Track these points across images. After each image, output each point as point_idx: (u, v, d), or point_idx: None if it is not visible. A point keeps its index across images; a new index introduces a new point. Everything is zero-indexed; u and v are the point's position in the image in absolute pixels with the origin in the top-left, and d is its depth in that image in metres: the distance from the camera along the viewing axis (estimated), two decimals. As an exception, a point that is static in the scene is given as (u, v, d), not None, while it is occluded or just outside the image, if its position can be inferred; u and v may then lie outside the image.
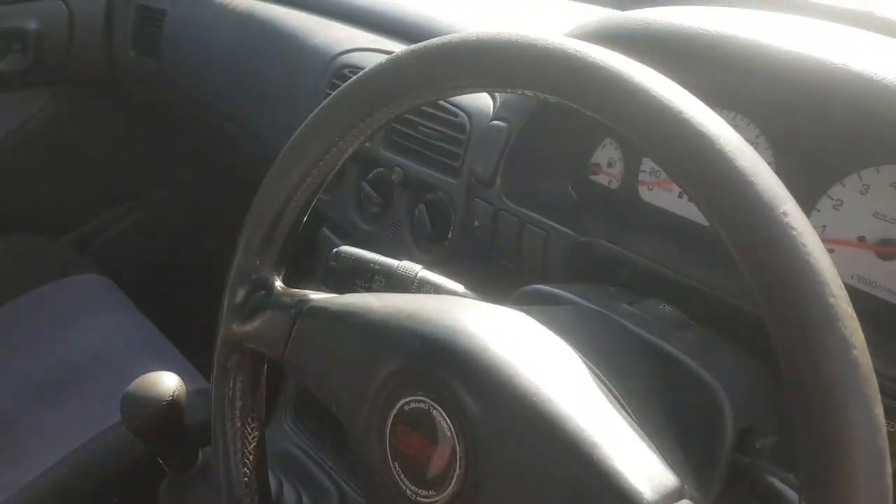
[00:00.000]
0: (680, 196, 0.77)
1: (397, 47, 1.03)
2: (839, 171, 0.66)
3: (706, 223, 0.74)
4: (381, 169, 0.96)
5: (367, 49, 1.04)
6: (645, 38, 0.64)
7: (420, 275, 0.68)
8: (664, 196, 0.78)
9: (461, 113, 0.88)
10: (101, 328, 1.29)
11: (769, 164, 0.70)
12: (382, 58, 1.08)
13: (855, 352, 0.32)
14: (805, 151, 0.69)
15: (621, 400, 0.45)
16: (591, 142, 0.83)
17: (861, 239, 0.65)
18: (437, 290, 0.67)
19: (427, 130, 0.91)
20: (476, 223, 0.81)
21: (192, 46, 1.38)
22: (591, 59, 0.40)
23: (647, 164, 0.79)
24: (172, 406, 0.86)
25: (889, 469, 0.32)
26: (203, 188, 1.64)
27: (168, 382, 0.88)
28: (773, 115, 0.70)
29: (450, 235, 0.89)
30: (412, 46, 0.49)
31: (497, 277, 0.81)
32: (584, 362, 0.47)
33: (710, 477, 0.50)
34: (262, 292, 0.60)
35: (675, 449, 0.46)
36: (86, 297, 1.38)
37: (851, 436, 0.31)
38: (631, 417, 0.44)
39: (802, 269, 0.33)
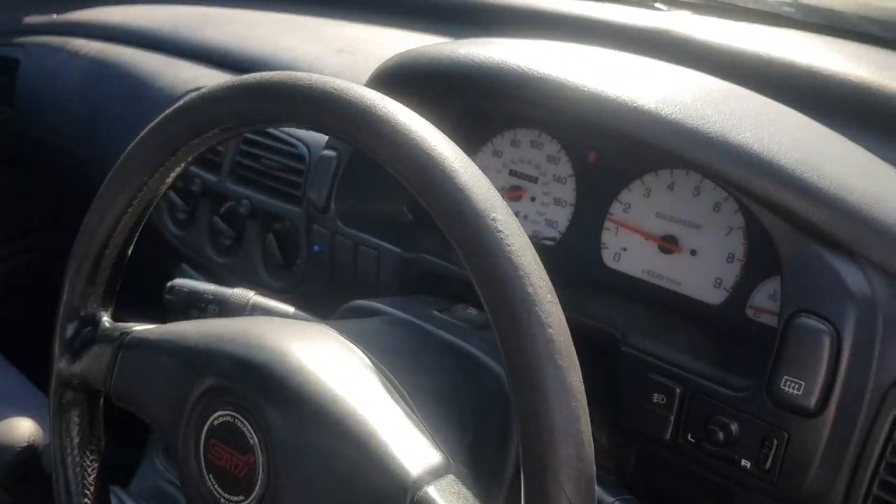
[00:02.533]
0: (500, 209, 0.83)
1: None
2: (626, 178, 0.74)
3: (531, 235, 0.80)
4: (231, 202, 1.00)
5: (213, 88, 1.08)
6: (445, 72, 0.70)
7: (252, 300, 0.72)
8: (486, 210, 0.84)
9: (300, 144, 0.93)
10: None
11: (569, 175, 0.78)
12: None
13: (550, 330, 0.38)
14: (597, 162, 0.76)
15: (405, 395, 0.50)
16: (420, 164, 0.89)
17: (647, 236, 0.72)
18: (269, 313, 0.71)
19: (269, 162, 0.95)
20: (315, 248, 0.86)
21: (47, 93, 1.38)
22: (348, 97, 0.46)
23: (471, 182, 0.86)
24: (28, 452, 0.87)
25: (586, 425, 0.38)
26: (66, 234, 1.63)
27: (23, 429, 0.89)
28: (570, 132, 0.78)
29: (298, 262, 0.93)
30: (173, 107, 0.54)
31: (341, 298, 0.86)
32: (375, 365, 0.52)
33: (504, 456, 0.56)
34: (90, 328, 0.62)
35: (456, 433, 0.51)
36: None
37: (550, 400, 0.37)
38: (411, 409, 0.49)
39: (507, 265, 0.39)
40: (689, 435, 0.59)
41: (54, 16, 1.51)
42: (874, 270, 0.54)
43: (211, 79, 1.10)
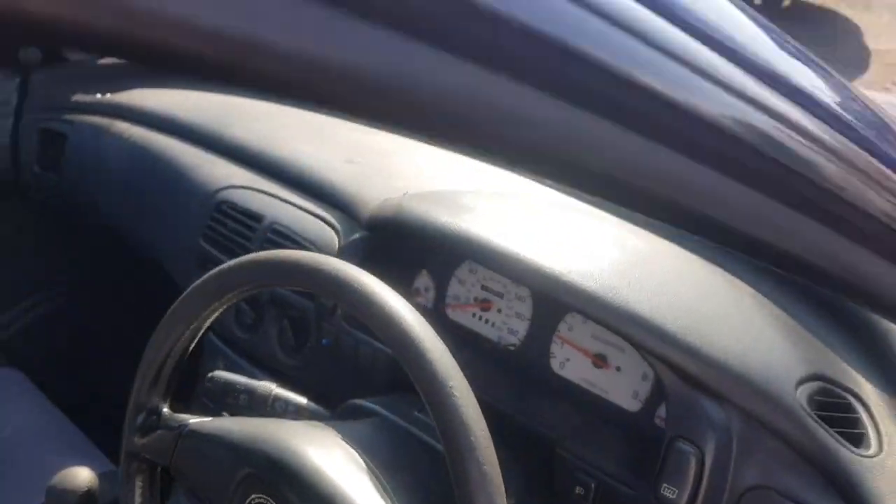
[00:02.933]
0: (473, 316, 1.04)
1: (268, 185, 1.28)
2: (570, 306, 0.94)
3: (496, 340, 1.01)
4: (255, 289, 1.20)
5: (242, 187, 1.29)
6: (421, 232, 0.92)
7: (274, 392, 0.92)
8: (463, 316, 1.05)
9: (314, 249, 1.13)
10: (12, 420, 1.46)
11: (527, 295, 0.99)
12: (255, 196, 1.29)
13: (485, 467, 0.58)
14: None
15: (389, 491, 0.71)
16: (411, 271, 1.09)
17: (585, 353, 0.93)
18: (286, 403, 0.91)
19: (289, 261, 1.16)
20: (323, 341, 1.06)
21: (91, 168, 1.58)
22: (354, 284, 0.67)
23: (452, 290, 1.06)
24: (86, 498, 1.06)
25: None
26: (104, 285, 1.83)
27: (82, 476, 1.08)
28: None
29: (308, 345, 1.13)
30: (229, 263, 0.75)
31: (344, 382, 1.06)
32: (367, 465, 0.72)
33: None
34: (154, 416, 0.83)
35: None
36: (-3, 390, 1.54)
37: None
38: (393, 502, 0.70)
39: (459, 422, 0.59)
40: (600, 519, 0.80)
41: (98, 95, 1.72)
42: (732, 407, 0.74)
43: (241, 178, 1.31)
